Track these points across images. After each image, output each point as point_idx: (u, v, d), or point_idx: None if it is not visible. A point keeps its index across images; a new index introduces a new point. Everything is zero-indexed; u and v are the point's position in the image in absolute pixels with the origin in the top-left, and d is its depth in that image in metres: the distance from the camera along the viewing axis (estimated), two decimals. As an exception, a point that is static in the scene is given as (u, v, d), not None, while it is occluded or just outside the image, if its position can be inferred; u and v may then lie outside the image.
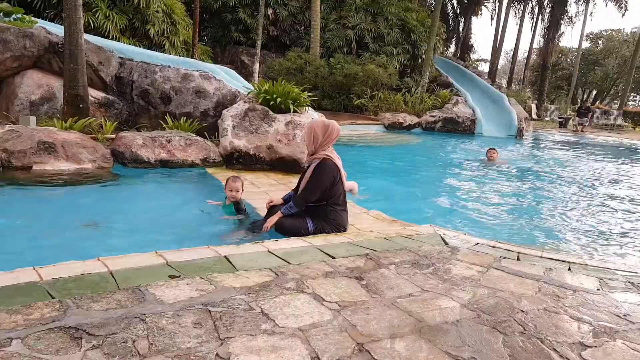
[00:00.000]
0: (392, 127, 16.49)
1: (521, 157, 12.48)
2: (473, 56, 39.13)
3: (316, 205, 4.06)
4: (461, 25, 34.95)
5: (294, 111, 7.05)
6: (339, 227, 4.06)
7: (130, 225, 4.29)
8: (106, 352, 1.83)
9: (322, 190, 3.98)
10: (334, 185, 4.02)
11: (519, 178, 9.00)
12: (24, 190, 4.98)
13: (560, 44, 38.50)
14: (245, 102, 7.24)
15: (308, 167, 4.14)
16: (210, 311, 2.25)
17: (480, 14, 36.03)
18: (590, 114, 25.62)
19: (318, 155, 4.04)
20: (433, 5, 26.40)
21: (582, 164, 11.91)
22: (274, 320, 2.21)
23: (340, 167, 4.11)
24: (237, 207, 4.56)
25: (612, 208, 6.92)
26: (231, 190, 4.50)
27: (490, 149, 10.25)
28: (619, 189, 8.69)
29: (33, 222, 4.14)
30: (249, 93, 7.75)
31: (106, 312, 2.14)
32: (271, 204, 4.27)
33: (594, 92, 44.71)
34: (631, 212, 6.72)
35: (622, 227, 5.88)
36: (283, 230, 3.99)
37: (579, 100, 42.72)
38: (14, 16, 8.10)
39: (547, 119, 28.79)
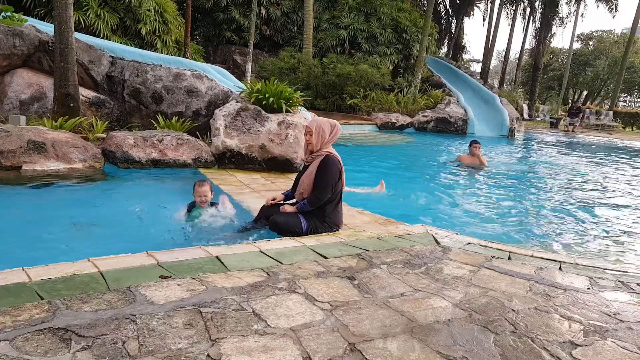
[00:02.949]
0: (385, 127, 16.51)
1: (512, 157, 12.55)
2: (465, 56, 39.32)
3: None
4: (453, 25, 35.09)
5: (287, 111, 7.04)
6: (333, 225, 4.06)
7: (121, 226, 4.26)
8: (96, 354, 1.81)
9: (332, 187, 3.97)
10: (337, 181, 4.02)
11: (510, 178, 9.04)
12: (13, 190, 4.93)
13: (552, 45, 38.73)
14: (237, 101, 7.22)
15: (307, 165, 4.13)
16: (201, 312, 2.24)
17: (473, 15, 36.27)
18: (581, 114, 25.80)
19: (321, 153, 4.04)
20: (425, 5, 26.47)
21: (573, 163, 11.99)
22: (265, 321, 2.20)
23: (342, 164, 4.11)
24: (213, 205, 4.53)
25: (603, 207, 6.97)
26: (200, 196, 4.43)
27: (473, 142, 9.36)
28: (609, 188, 8.75)
29: (22, 223, 4.10)
30: (241, 92, 7.72)
31: (96, 313, 2.12)
32: (274, 201, 4.25)
33: (585, 92, 45.00)
34: (621, 211, 6.78)
35: (612, 227, 5.92)
36: (277, 228, 3.98)
37: (570, 101, 43.00)
38: (3, 14, 8.01)
39: (538, 119, 28.95)
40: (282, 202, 4.24)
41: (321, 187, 3.95)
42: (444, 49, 36.30)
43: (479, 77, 24.24)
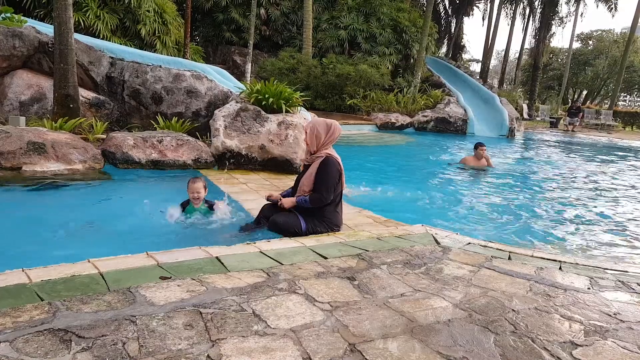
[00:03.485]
0: (385, 127, 16.51)
1: (512, 157, 12.54)
2: (465, 56, 39.34)
3: None
4: (453, 25, 35.09)
5: (286, 111, 7.04)
6: (333, 226, 4.06)
7: (121, 227, 4.26)
8: (96, 355, 1.81)
9: (334, 187, 3.97)
10: (337, 183, 4.02)
11: (510, 178, 9.04)
12: (13, 192, 4.93)
13: (551, 45, 38.74)
14: (237, 102, 7.22)
15: (307, 166, 4.12)
16: (201, 312, 2.24)
17: (472, 15, 36.26)
18: (581, 113, 25.82)
19: (320, 154, 4.04)
20: (425, 5, 26.48)
21: (573, 163, 11.99)
22: (265, 322, 2.20)
23: (342, 166, 4.11)
24: (209, 204, 4.53)
25: (603, 207, 6.97)
26: (192, 192, 4.41)
27: (479, 144, 9.21)
28: (609, 188, 8.75)
29: (22, 224, 4.10)
30: (241, 93, 7.73)
31: (96, 314, 2.12)
32: (271, 198, 4.25)
33: (585, 92, 45.00)
34: (622, 211, 6.78)
35: (612, 226, 5.92)
36: (276, 228, 3.98)
37: (569, 100, 43.00)
38: (2, 15, 8.03)
39: (538, 118, 28.94)
40: (279, 199, 4.21)
41: (322, 188, 3.95)
42: (444, 49, 36.30)
43: (478, 77, 24.24)
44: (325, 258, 3.20)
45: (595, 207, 6.97)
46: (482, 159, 9.20)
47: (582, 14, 34.08)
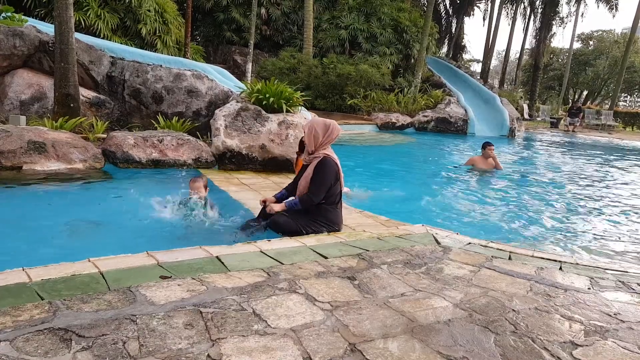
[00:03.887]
0: (385, 127, 16.51)
1: (513, 157, 12.53)
2: (465, 56, 39.29)
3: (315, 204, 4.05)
4: (454, 25, 35.09)
5: (287, 111, 7.04)
6: (334, 225, 4.06)
7: (121, 226, 4.26)
8: (96, 354, 1.81)
9: (327, 189, 3.98)
10: (334, 183, 4.02)
11: (511, 178, 9.03)
12: (13, 191, 4.93)
13: (552, 45, 38.72)
14: (237, 101, 7.22)
15: (305, 166, 4.12)
16: (201, 312, 2.24)
17: (473, 15, 36.25)
18: (582, 114, 25.80)
19: (318, 154, 4.04)
20: (425, 5, 26.47)
21: (573, 164, 11.99)
22: (266, 321, 2.20)
23: (340, 166, 4.11)
24: (206, 204, 4.59)
25: (603, 207, 6.96)
26: (193, 191, 4.53)
27: (487, 144, 8.92)
28: (610, 188, 8.75)
29: (22, 223, 4.10)
30: (241, 93, 7.72)
31: (96, 313, 2.12)
32: (265, 202, 4.26)
33: (585, 92, 44.98)
34: (621, 211, 6.77)
35: (612, 227, 5.92)
36: (277, 227, 3.98)
37: (570, 101, 42.98)
38: (3, 14, 8.03)
39: (538, 119, 28.92)
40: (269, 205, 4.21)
41: (314, 189, 3.96)
42: (444, 49, 36.28)
43: (479, 77, 24.23)
44: (326, 258, 3.20)
45: (596, 207, 6.97)
46: (489, 159, 8.91)
47: (582, 14, 34.01)
